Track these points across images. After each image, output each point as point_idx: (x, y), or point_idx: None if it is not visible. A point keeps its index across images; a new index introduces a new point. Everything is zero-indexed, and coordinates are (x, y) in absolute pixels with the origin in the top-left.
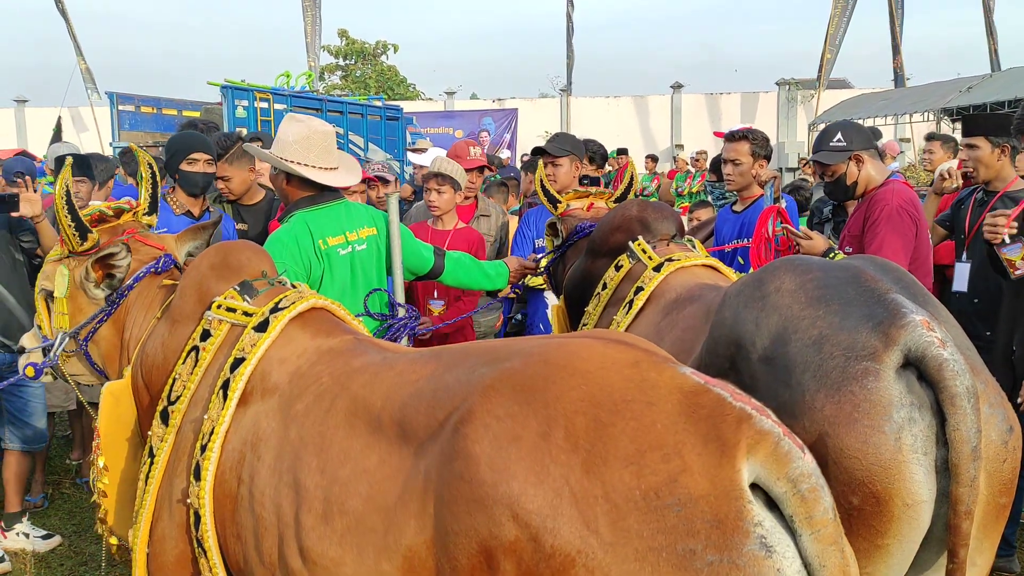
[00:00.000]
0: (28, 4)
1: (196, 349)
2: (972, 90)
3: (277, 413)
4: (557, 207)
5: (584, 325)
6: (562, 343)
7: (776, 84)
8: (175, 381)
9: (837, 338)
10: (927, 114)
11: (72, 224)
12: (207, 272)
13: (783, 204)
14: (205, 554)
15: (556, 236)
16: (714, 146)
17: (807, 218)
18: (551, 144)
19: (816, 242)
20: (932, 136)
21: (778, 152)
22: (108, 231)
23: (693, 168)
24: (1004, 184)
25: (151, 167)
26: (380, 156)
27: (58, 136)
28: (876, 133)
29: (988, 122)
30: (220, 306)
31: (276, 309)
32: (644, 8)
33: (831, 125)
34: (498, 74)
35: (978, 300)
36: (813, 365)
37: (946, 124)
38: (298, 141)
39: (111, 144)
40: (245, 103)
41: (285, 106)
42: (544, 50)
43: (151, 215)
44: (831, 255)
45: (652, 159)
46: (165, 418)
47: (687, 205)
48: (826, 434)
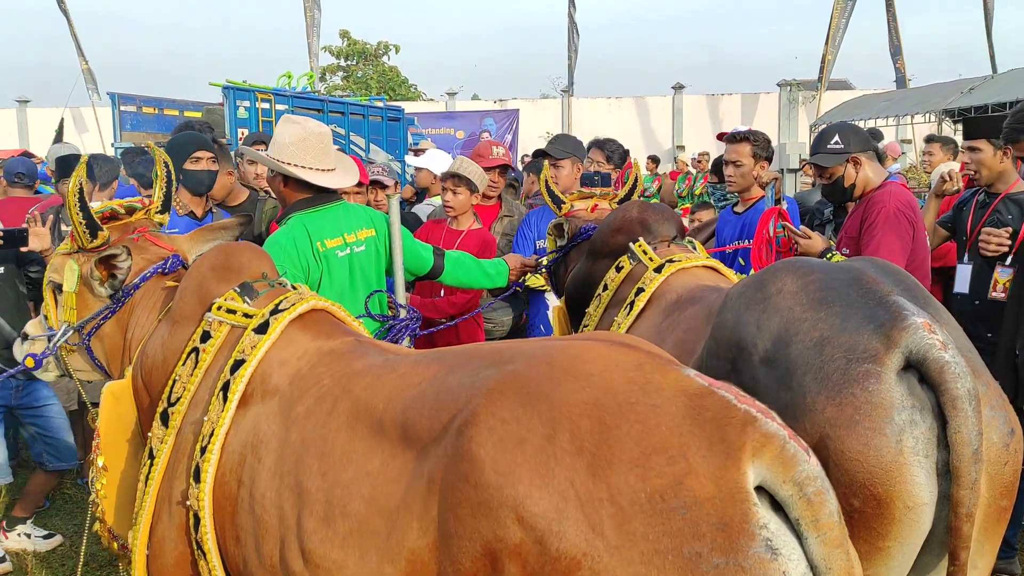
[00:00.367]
0: (30, 3)
1: (196, 351)
2: (974, 91)
3: (278, 415)
4: (561, 208)
5: (585, 326)
6: (565, 345)
7: (777, 85)
8: (175, 382)
9: (838, 340)
10: (928, 115)
11: (83, 221)
12: (208, 273)
13: (784, 205)
14: (205, 556)
15: (561, 237)
16: (715, 147)
17: (808, 219)
18: (552, 146)
19: (814, 242)
20: (932, 138)
21: (779, 153)
22: (119, 228)
23: (694, 169)
24: (1006, 186)
25: (166, 166)
26: (382, 157)
27: (60, 137)
28: (877, 134)
29: (990, 125)
30: (220, 307)
31: (276, 311)
32: (645, 9)
33: (828, 127)
34: (499, 75)
35: (979, 302)
36: (814, 367)
37: (947, 125)
38: (294, 143)
39: (113, 145)
40: (247, 104)
41: (287, 107)
42: (545, 51)
43: (163, 214)
44: (828, 255)
45: (653, 160)
46: (165, 419)
47: (688, 207)
48: (827, 436)
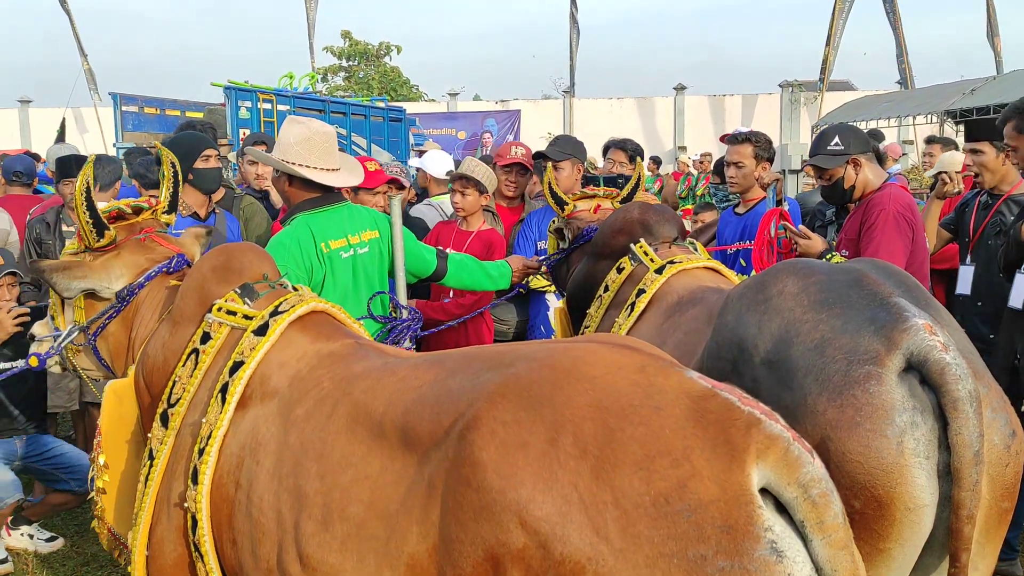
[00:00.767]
0: (33, 1)
1: (196, 352)
2: (976, 92)
3: (276, 418)
4: (564, 209)
5: (586, 327)
6: (567, 348)
7: (779, 86)
8: (175, 383)
9: (839, 342)
10: (930, 116)
11: (90, 220)
12: (208, 274)
13: (786, 206)
14: (202, 558)
15: (562, 239)
16: (717, 148)
17: (809, 220)
18: (552, 148)
19: (814, 242)
20: (932, 139)
21: (781, 154)
22: (126, 228)
23: (695, 170)
24: (1009, 187)
25: (173, 166)
26: (385, 158)
27: (62, 137)
28: (877, 135)
29: (992, 126)
30: (220, 309)
31: (276, 312)
32: (647, 10)
33: (828, 128)
34: (501, 75)
35: (982, 303)
36: (815, 369)
37: (949, 126)
38: (299, 143)
39: (115, 145)
40: (248, 104)
41: (288, 107)
42: (547, 51)
43: (170, 214)
44: (828, 257)
45: (655, 161)
46: (165, 420)
47: (689, 208)
48: (828, 438)
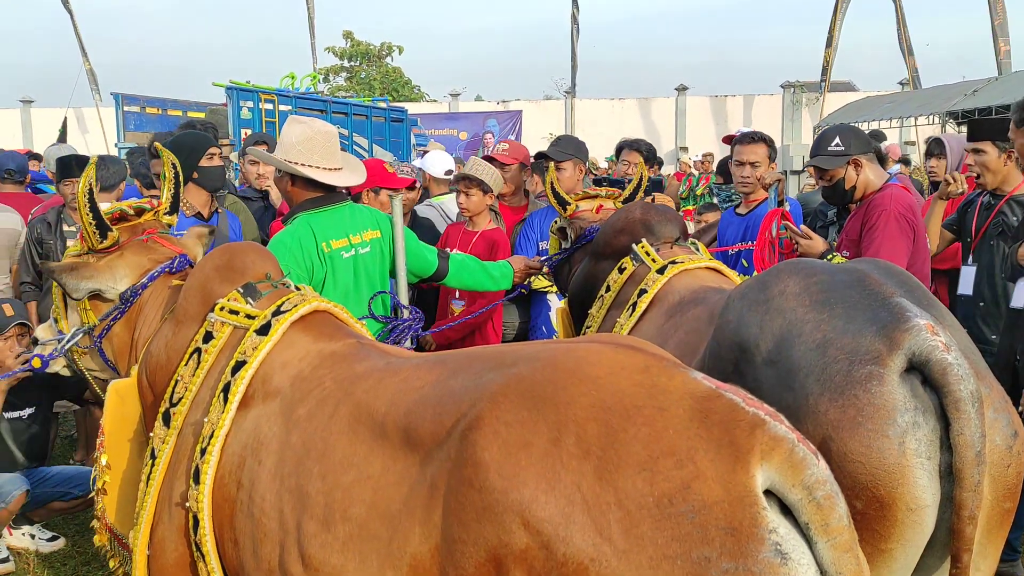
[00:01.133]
0: (34, 1)
1: (198, 351)
2: (978, 93)
3: (278, 417)
4: (567, 209)
5: (587, 327)
6: (570, 348)
7: (781, 87)
8: (177, 383)
9: (841, 342)
10: (932, 117)
11: (93, 222)
12: (211, 274)
13: (787, 207)
14: (204, 558)
15: (565, 239)
16: (719, 148)
17: (811, 220)
18: (553, 149)
19: (815, 243)
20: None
21: (783, 155)
22: (128, 229)
23: (696, 171)
24: (1011, 188)
25: (174, 167)
26: (387, 158)
27: (63, 137)
28: (879, 136)
29: (994, 127)
30: (223, 308)
31: (278, 312)
32: (649, 10)
33: (829, 129)
34: (503, 76)
35: (983, 304)
36: (817, 369)
37: (951, 127)
38: (301, 142)
39: (116, 145)
40: (250, 104)
41: (290, 107)
42: (549, 52)
43: (172, 215)
44: (829, 257)
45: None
46: (167, 420)
47: (690, 208)
48: (830, 438)
